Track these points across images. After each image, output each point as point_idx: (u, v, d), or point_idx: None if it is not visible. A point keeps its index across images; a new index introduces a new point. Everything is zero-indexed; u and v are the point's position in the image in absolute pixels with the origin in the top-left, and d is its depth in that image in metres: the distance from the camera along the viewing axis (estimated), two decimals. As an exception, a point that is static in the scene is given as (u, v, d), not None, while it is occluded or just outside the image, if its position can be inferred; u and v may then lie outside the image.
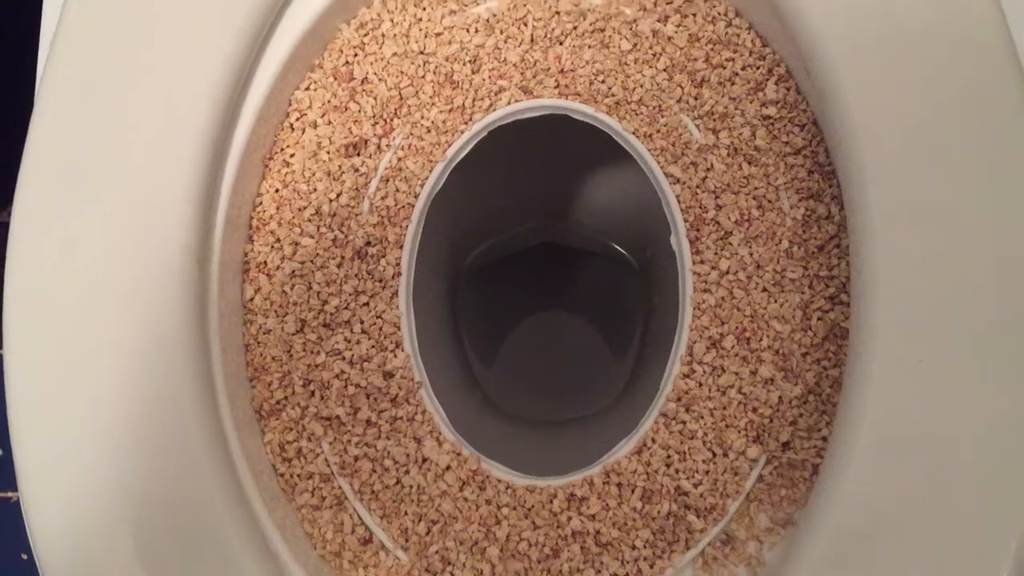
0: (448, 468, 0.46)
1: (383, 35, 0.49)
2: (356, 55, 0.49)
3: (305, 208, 0.48)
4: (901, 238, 0.41)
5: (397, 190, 0.48)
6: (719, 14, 0.48)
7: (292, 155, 0.48)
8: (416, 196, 0.48)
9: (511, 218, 0.74)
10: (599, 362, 0.81)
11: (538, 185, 0.71)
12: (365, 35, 0.49)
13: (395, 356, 0.47)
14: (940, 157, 0.41)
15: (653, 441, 0.46)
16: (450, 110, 0.49)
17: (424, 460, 0.46)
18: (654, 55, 0.48)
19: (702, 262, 0.47)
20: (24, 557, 0.93)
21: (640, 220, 0.68)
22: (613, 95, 0.48)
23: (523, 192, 0.71)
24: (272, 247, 0.48)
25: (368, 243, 0.48)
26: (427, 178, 0.48)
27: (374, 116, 0.48)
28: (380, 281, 0.48)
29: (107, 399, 0.42)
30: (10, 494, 0.95)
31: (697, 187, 0.47)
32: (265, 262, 0.48)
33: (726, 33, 0.48)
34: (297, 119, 0.49)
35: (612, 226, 0.73)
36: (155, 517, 0.41)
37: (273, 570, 0.42)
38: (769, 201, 0.47)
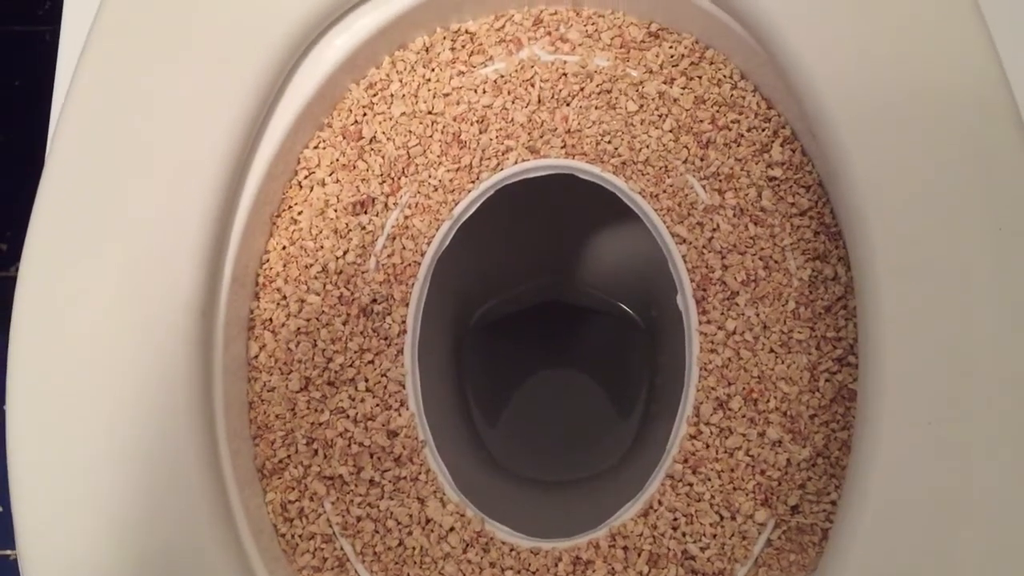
0: (452, 529, 0.45)
1: (392, 95, 0.49)
2: (365, 114, 0.49)
3: (311, 265, 0.48)
4: (908, 299, 0.41)
5: (403, 248, 0.48)
6: (724, 76, 0.49)
7: (300, 212, 0.49)
8: (422, 254, 0.49)
9: (517, 277, 0.74)
10: (605, 422, 0.80)
11: (544, 244, 0.71)
12: (374, 95, 0.50)
13: (399, 415, 0.47)
14: (946, 218, 0.41)
15: (659, 504, 0.45)
16: (457, 169, 0.49)
17: (428, 521, 0.46)
18: (660, 116, 0.49)
19: (708, 322, 0.47)
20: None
21: (646, 280, 0.68)
22: (619, 155, 0.48)
23: (529, 251, 0.71)
24: (278, 304, 0.48)
25: (374, 300, 0.48)
26: (433, 236, 0.49)
27: (382, 175, 0.49)
28: (385, 339, 0.48)
29: (109, 458, 0.42)
30: (8, 552, 0.93)
31: (703, 247, 0.47)
32: (271, 319, 0.48)
33: (731, 95, 0.49)
34: (305, 177, 0.49)
35: (618, 286, 0.73)
36: (154, 577, 0.41)
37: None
38: (775, 262, 0.47)
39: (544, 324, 0.81)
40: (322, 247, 0.48)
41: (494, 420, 0.79)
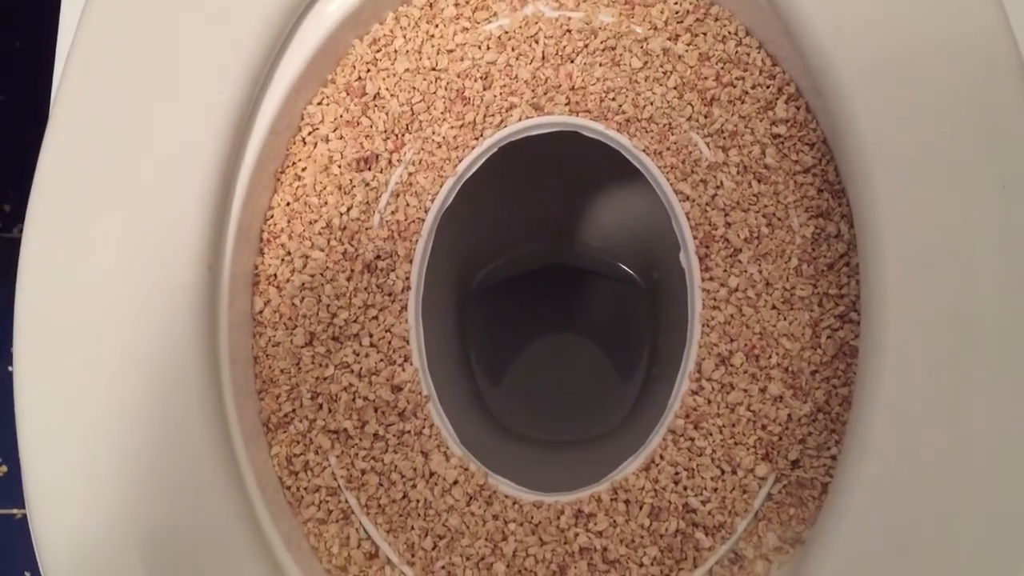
0: (455, 483, 0.46)
1: (395, 51, 0.49)
2: (369, 71, 0.49)
3: (316, 221, 0.48)
4: (911, 256, 0.41)
5: (407, 204, 0.49)
6: (729, 33, 0.49)
7: (304, 169, 0.49)
8: (426, 211, 0.49)
9: (520, 238, 0.74)
10: (607, 384, 0.81)
11: (547, 205, 0.71)
12: (378, 51, 0.49)
13: (403, 370, 0.47)
14: (950, 174, 0.41)
15: (661, 458, 0.46)
16: (461, 126, 0.49)
17: (431, 474, 0.46)
18: (664, 73, 0.49)
19: (711, 279, 0.47)
20: (27, 575, 0.92)
21: (649, 241, 0.68)
22: (623, 112, 0.48)
23: (532, 212, 0.71)
24: (282, 260, 0.48)
25: (378, 257, 0.48)
26: (437, 193, 0.49)
27: (385, 131, 0.49)
28: (389, 295, 0.48)
29: (116, 413, 0.42)
30: (14, 511, 0.94)
31: (707, 205, 0.47)
32: (275, 275, 0.48)
33: (736, 52, 0.48)
34: (309, 133, 0.49)
35: (621, 246, 0.73)
36: (162, 531, 0.41)
37: (278, 584, 0.42)
38: (779, 219, 0.47)
39: (547, 287, 0.81)
40: (326, 203, 0.48)
41: (497, 381, 0.79)
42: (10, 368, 0.43)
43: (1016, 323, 0.40)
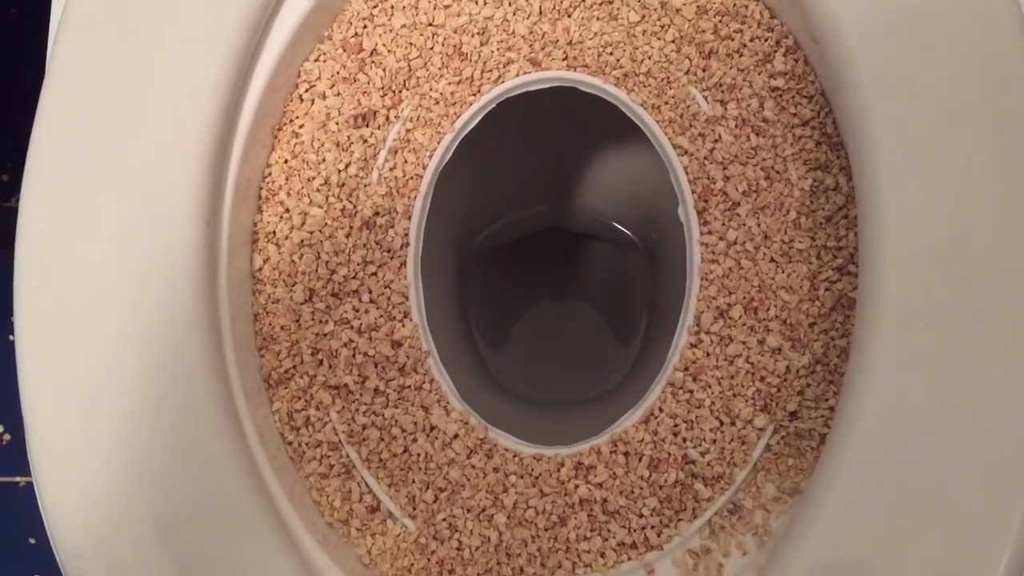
0: (456, 436, 0.46)
1: (392, 7, 0.49)
2: (365, 27, 0.49)
3: (314, 178, 0.48)
4: (909, 207, 0.41)
5: (405, 161, 0.48)
6: (727, -14, 0.49)
7: (301, 126, 0.49)
8: (424, 167, 0.49)
9: (519, 199, 0.74)
10: (606, 347, 0.81)
11: (546, 165, 0.71)
12: (374, 7, 0.49)
13: (403, 325, 0.47)
14: (948, 124, 0.41)
15: (660, 410, 0.46)
16: (458, 82, 0.49)
17: (432, 428, 0.46)
18: (662, 27, 0.48)
19: (709, 233, 0.47)
20: (32, 542, 0.93)
21: (647, 200, 0.68)
22: (621, 67, 0.48)
23: (531, 172, 0.71)
24: (281, 217, 0.48)
25: (376, 213, 0.48)
26: (435, 149, 0.49)
27: (383, 87, 0.48)
28: (388, 251, 0.48)
29: (118, 374, 0.42)
30: (17, 479, 0.95)
31: (705, 158, 0.47)
32: (274, 232, 0.48)
33: (734, 4, 0.48)
34: (306, 90, 0.49)
35: (619, 207, 0.73)
36: (167, 490, 0.42)
37: (283, 537, 0.42)
38: (777, 172, 0.47)
39: (546, 251, 0.81)
40: (324, 160, 0.48)
41: (497, 345, 0.79)
42: (11, 337, 0.43)
43: (1014, 272, 0.40)
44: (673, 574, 0.45)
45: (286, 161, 0.48)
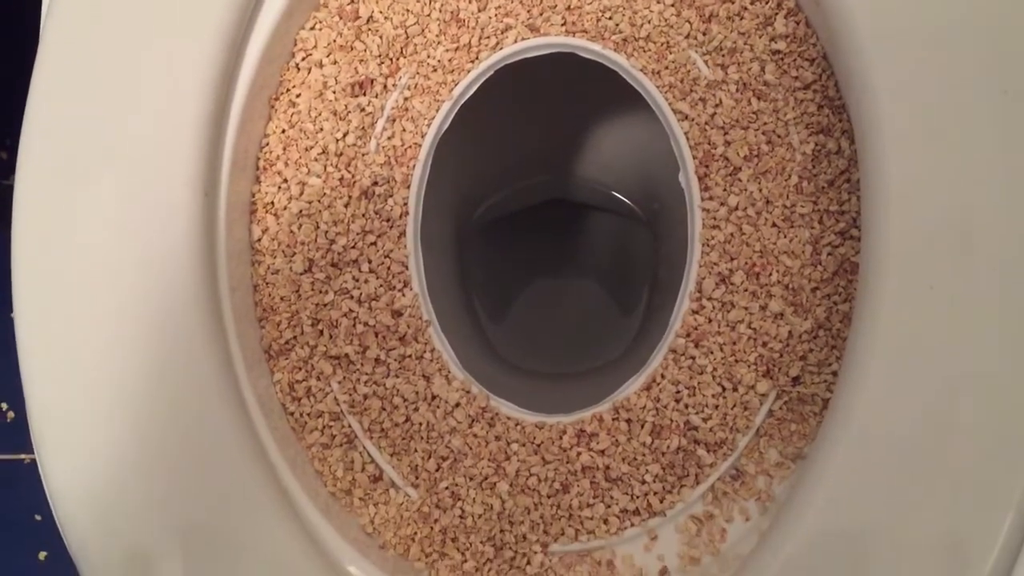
0: (457, 405, 0.46)
1: (388, -27, 0.49)
2: (361, -7, 0.48)
3: (312, 148, 0.48)
4: (912, 169, 0.40)
5: (404, 130, 0.48)
6: (727, -52, 0.48)
7: (298, 95, 0.48)
8: (423, 136, 0.48)
9: (519, 170, 0.74)
10: (609, 319, 0.81)
11: (546, 135, 0.70)
12: (370, -27, 0.49)
13: (403, 295, 0.47)
14: (951, 83, 0.40)
15: (662, 377, 0.46)
16: (456, 49, 0.48)
17: (433, 398, 0.46)
18: (662, -10, 0.48)
19: (711, 198, 0.47)
20: (38, 518, 0.93)
21: (648, 169, 0.68)
22: (620, 32, 0.48)
23: (531, 142, 0.70)
24: (279, 187, 0.48)
25: (375, 183, 0.48)
26: (434, 118, 0.48)
27: (380, 55, 0.48)
28: (387, 220, 0.48)
29: (117, 345, 0.42)
30: (22, 456, 0.95)
31: (706, 123, 0.47)
32: (272, 202, 0.48)
33: (735, -33, 0.48)
34: (303, 59, 0.48)
35: (621, 177, 0.73)
36: (168, 461, 0.42)
37: (285, 507, 0.42)
38: (779, 136, 0.46)
39: (547, 223, 0.81)
40: (321, 129, 0.48)
41: (498, 318, 0.79)
42: (12, 314, 0.43)
43: (1018, 234, 0.40)
44: (676, 540, 0.45)
45: (283, 131, 0.48)
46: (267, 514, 0.42)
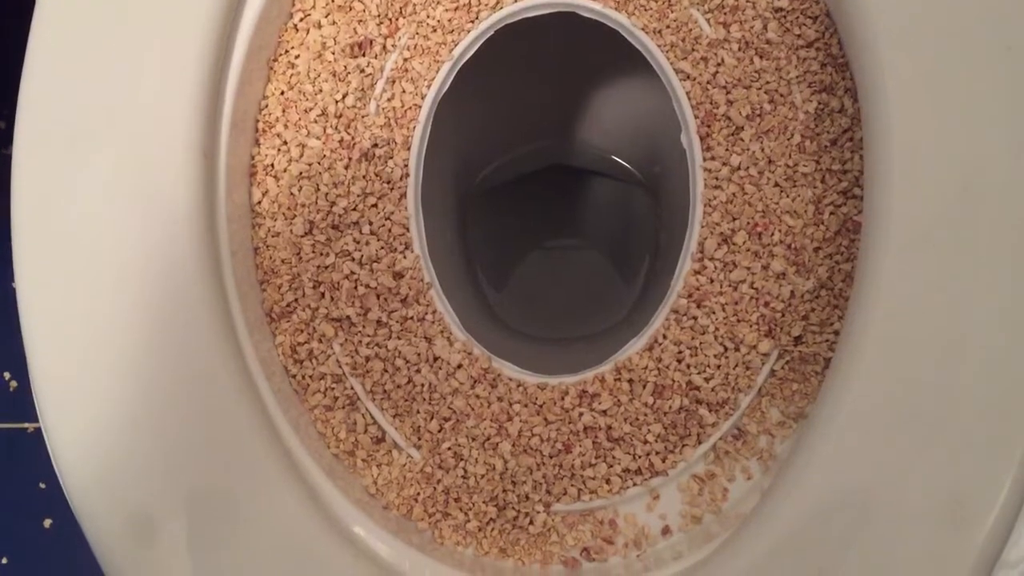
0: (459, 367, 0.46)
1: (387, -68, 0.48)
2: (360, -47, 0.48)
3: (311, 110, 0.47)
4: (915, 128, 0.40)
5: (403, 91, 0.48)
6: (730, -96, 0.47)
7: (297, 56, 0.48)
8: (423, 97, 0.48)
9: (520, 134, 0.73)
10: (611, 284, 0.81)
11: (546, 99, 0.70)
12: (368, -68, 0.48)
13: (404, 257, 0.47)
14: (954, 39, 0.40)
15: (664, 337, 0.46)
16: (456, 8, 0.48)
17: (435, 359, 0.46)
18: (663, -52, 0.47)
19: (713, 158, 0.46)
20: (42, 486, 0.94)
21: (650, 132, 0.67)
22: (622, -10, 0.47)
23: (532, 106, 0.70)
24: (279, 149, 0.47)
25: (375, 145, 0.47)
26: (434, 79, 0.48)
27: (379, 15, 0.48)
28: (388, 182, 0.47)
29: (119, 309, 0.42)
30: (25, 425, 0.96)
31: (708, 83, 0.47)
32: (272, 164, 0.47)
33: (737, -76, 0.47)
34: (301, 19, 0.48)
35: (622, 141, 0.72)
36: (172, 423, 0.42)
37: (289, 468, 0.43)
38: (781, 95, 0.46)
39: (548, 189, 0.81)
40: (321, 91, 0.47)
41: (500, 285, 0.79)
42: (14, 284, 0.43)
43: (1021, 192, 0.39)
44: (678, 499, 0.45)
45: (282, 92, 0.48)
46: (271, 476, 0.42)
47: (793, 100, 0.46)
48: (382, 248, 0.47)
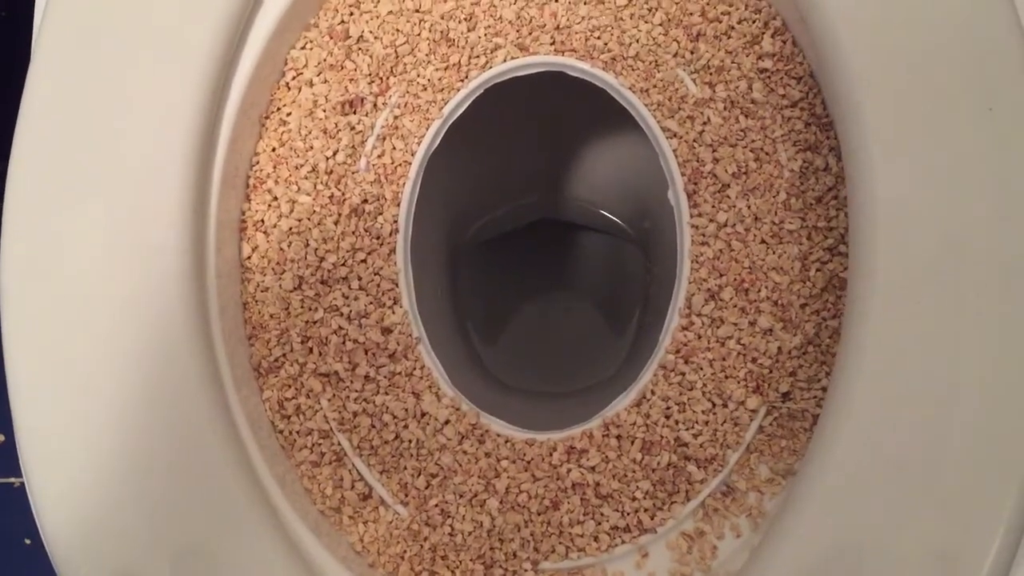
0: (447, 422, 0.46)
1: (378, -7, 0.49)
2: (351, 13, 0.49)
3: (302, 166, 0.48)
4: (899, 185, 0.41)
5: (394, 148, 0.48)
6: (714, -32, 0.48)
7: (289, 114, 0.48)
8: (413, 154, 0.48)
9: (510, 190, 0.74)
10: (601, 340, 0.81)
11: (535, 156, 0.70)
12: (360, -6, 0.49)
13: (393, 312, 0.47)
14: (937, 100, 0.41)
15: (652, 393, 0.46)
16: (446, 68, 0.48)
17: (423, 415, 0.46)
18: (650, 10, 0.48)
19: (700, 215, 0.47)
20: (28, 542, 0.93)
21: (639, 188, 0.68)
22: (609, 51, 0.48)
23: (521, 162, 0.71)
24: (269, 205, 0.48)
25: (365, 201, 0.48)
26: (424, 136, 0.48)
27: (370, 74, 0.48)
28: (377, 238, 0.48)
29: (106, 364, 0.42)
30: (12, 479, 0.95)
31: (694, 141, 0.47)
32: (262, 220, 0.48)
33: (721, -13, 0.48)
34: (293, 78, 0.49)
35: (610, 197, 0.73)
36: (157, 480, 0.41)
37: (275, 525, 0.42)
38: (767, 153, 0.47)
39: (539, 244, 0.81)
40: (312, 148, 0.48)
41: (491, 339, 0.79)
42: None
43: (1006, 249, 0.40)
44: (667, 557, 0.44)
45: (274, 149, 0.48)
46: (257, 533, 0.42)
47: (778, 158, 0.47)
48: (371, 303, 0.47)
